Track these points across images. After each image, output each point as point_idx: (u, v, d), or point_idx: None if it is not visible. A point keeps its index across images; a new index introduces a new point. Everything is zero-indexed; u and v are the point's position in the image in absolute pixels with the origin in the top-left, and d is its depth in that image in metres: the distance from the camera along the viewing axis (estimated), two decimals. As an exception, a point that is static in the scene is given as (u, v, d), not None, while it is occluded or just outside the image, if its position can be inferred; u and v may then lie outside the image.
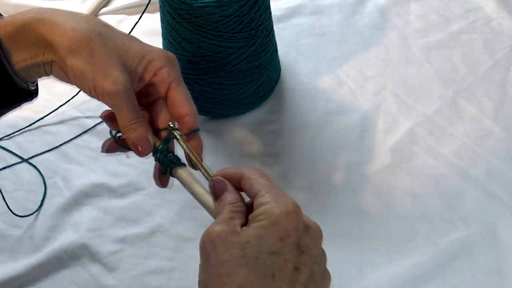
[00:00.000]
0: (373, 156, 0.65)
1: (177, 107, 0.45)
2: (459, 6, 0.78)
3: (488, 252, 0.57)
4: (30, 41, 0.42)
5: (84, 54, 0.41)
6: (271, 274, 0.34)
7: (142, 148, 0.43)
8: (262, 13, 0.62)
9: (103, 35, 0.42)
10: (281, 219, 0.35)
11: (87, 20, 0.43)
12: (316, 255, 0.36)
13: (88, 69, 0.41)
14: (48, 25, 0.42)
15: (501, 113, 0.67)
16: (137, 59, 0.43)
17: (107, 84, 0.41)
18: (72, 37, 0.41)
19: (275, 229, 0.34)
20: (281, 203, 0.35)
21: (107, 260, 0.61)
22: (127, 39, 0.44)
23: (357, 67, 0.74)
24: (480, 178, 0.62)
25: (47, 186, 0.67)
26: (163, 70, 0.44)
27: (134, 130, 0.43)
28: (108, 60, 0.42)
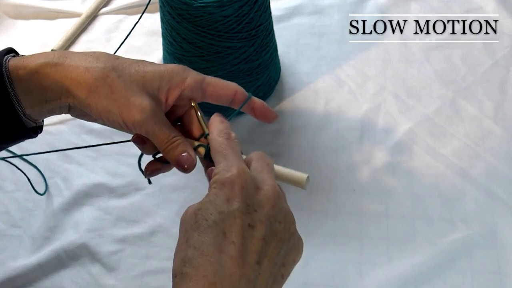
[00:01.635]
0: (373, 156, 0.65)
1: (223, 95, 0.46)
2: (459, 6, 0.78)
3: (488, 252, 0.57)
4: (44, 86, 0.42)
5: (105, 93, 0.42)
6: (222, 232, 0.35)
7: (186, 165, 0.44)
8: (262, 13, 0.62)
9: (117, 69, 0.43)
10: (226, 183, 0.37)
11: (97, 58, 0.43)
12: (273, 214, 0.37)
13: (113, 106, 0.42)
14: (61, 71, 0.42)
15: (501, 113, 0.68)
16: (156, 82, 0.43)
17: (134, 115, 0.42)
18: (88, 79, 0.42)
19: (222, 192, 0.37)
20: (228, 169, 0.38)
21: (107, 260, 0.61)
22: (139, 65, 0.44)
23: (357, 67, 0.74)
24: (480, 178, 0.62)
25: (48, 185, 0.67)
26: (188, 81, 0.44)
27: (173, 149, 0.43)
28: (129, 91, 0.42)
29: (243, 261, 0.35)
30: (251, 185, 0.38)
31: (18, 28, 0.84)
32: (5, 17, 0.85)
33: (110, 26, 0.83)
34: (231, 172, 0.38)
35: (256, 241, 0.36)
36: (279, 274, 0.37)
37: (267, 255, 0.36)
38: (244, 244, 0.35)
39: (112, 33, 0.82)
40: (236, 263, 0.35)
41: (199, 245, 0.35)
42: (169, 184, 0.66)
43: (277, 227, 0.37)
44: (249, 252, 0.35)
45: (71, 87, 0.42)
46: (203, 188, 0.65)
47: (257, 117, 0.47)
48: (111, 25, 0.83)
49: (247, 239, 0.36)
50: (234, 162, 0.39)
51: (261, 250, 0.36)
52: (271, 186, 0.38)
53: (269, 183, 0.39)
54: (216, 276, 0.34)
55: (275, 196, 0.38)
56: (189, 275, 0.34)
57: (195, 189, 0.65)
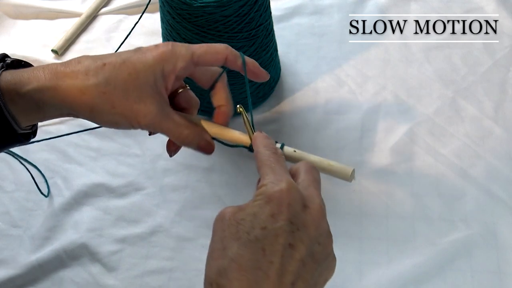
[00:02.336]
0: (373, 156, 0.65)
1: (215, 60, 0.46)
2: (459, 6, 0.78)
3: (488, 252, 0.57)
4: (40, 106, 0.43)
5: (106, 109, 0.42)
6: (262, 248, 0.34)
7: (206, 151, 0.45)
8: (262, 13, 0.62)
9: (109, 81, 0.42)
10: (273, 197, 0.36)
11: (86, 72, 0.42)
12: (315, 235, 0.36)
13: (119, 118, 0.43)
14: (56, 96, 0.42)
15: (501, 113, 0.67)
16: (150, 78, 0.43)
17: (141, 120, 0.43)
18: (86, 101, 0.42)
19: (267, 206, 0.36)
20: (277, 183, 0.37)
21: (107, 260, 0.61)
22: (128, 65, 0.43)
23: (357, 67, 0.74)
24: (480, 178, 0.62)
25: (49, 185, 0.67)
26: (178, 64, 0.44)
27: (190, 144, 0.45)
28: (129, 100, 0.42)
29: (279, 281, 0.34)
30: (298, 203, 0.37)
31: (18, 28, 0.84)
32: (5, 17, 0.85)
33: (110, 26, 0.83)
34: (280, 187, 0.37)
35: (295, 262, 0.35)
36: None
37: (301, 276, 0.35)
38: (282, 264, 0.34)
39: (112, 33, 0.82)
40: (272, 283, 0.34)
41: (238, 258, 0.34)
42: (169, 184, 0.66)
43: (316, 248, 0.36)
44: (286, 273, 0.34)
45: (71, 109, 0.43)
46: (203, 188, 0.65)
47: (249, 76, 0.47)
48: (111, 25, 0.83)
49: (286, 259, 0.35)
50: (283, 177, 0.38)
51: (297, 271, 0.35)
52: (318, 205, 0.37)
53: (316, 201, 0.38)
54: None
55: (320, 216, 0.37)
56: (223, 287, 0.34)
57: (195, 189, 0.65)
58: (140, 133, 0.70)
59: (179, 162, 0.67)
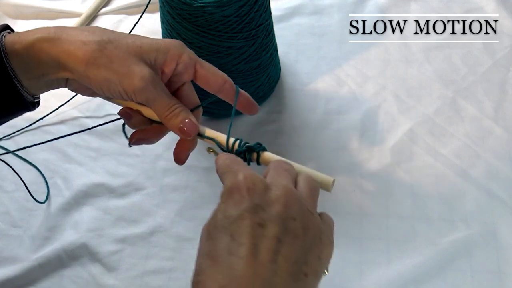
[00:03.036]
0: (373, 156, 0.65)
1: (212, 81, 0.46)
2: (459, 6, 0.78)
3: (488, 252, 0.57)
4: (40, 60, 0.43)
5: (103, 63, 0.42)
6: (230, 235, 0.35)
7: (189, 130, 0.44)
8: (262, 13, 0.62)
9: (113, 41, 0.43)
10: (233, 189, 0.37)
11: (92, 32, 0.44)
12: (286, 211, 0.36)
13: (112, 75, 0.42)
14: (58, 45, 0.42)
15: (501, 113, 0.67)
16: (152, 53, 0.44)
17: (135, 82, 0.42)
18: (85, 52, 0.42)
19: (230, 199, 0.36)
20: (233, 177, 0.37)
21: (107, 260, 0.61)
22: (135, 37, 0.45)
23: (357, 67, 0.74)
24: (480, 178, 0.62)
25: (49, 185, 0.67)
26: (184, 56, 0.45)
27: (176, 116, 0.44)
28: (127, 61, 0.43)
29: (255, 260, 0.34)
30: (259, 186, 0.37)
31: (18, 28, 0.83)
32: (5, 17, 0.85)
33: (110, 26, 0.83)
34: (236, 178, 0.37)
35: (268, 239, 0.34)
36: (301, 273, 0.35)
37: (282, 254, 0.34)
38: (254, 244, 0.34)
39: (112, 33, 0.82)
40: (247, 263, 0.33)
41: (209, 253, 0.35)
42: (169, 184, 0.66)
43: (292, 224, 0.36)
44: (261, 251, 0.34)
45: (68, 61, 0.42)
46: (203, 188, 0.65)
47: (240, 109, 0.48)
48: (111, 25, 0.83)
49: (258, 239, 0.34)
50: (239, 170, 0.38)
51: (275, 248, 0.34)
52: (283, 185, 0.37)
53: (281, 183, 0.38)
54: (226, 279, 0.33)
55: (287, 194, 0.37)
56: (201, 283, 0.34)
57: (195, 189, 0.65)
58: (140, 133, 0.70)
59: (179, 162, 0.67)
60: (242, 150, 0.44)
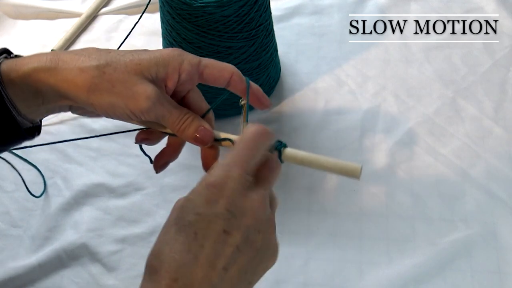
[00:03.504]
0: (373, 156, 0.65)
1: (220, 77, 0.45)
2: (459, 6, 0.78)
3: (488, 252, 0.57)
4: (39, 90, 0.42)
5: (105, 88, 0.41)
6: (194, 232, 0.35)
7: (205, 138, 0.44)
8: (262, 13, 0.62)
9: (111, 63, 0.42)
10: (211, 184, 0.36)
11: (88, 56, 0.43)
12: (254, 223, 0.36)
13: (117, 99, 0.42)
14: (55, 75, 0.42)
15: (501, 113, 0.67)
16: (153, 68, 0.43)
17: (141, 103, 0.42)
18: (85, 80, 0.41)
19: (204, 192, 0.36)
20: (220, 170, 0.37)
21: (107, 260, 0.61)
22: (133, 54, 0.44)
23: (357, 67, 0.74)
24: (480, 178, 0.62)
25: (47, 186, 0.67)
26: (184, 65, 0.44)
27: (188, 126, 0.43)
28: (129, 82, 0.42)
29: (209, 265, 0.34)
30: (238, 192, 0.36)
31: (18, 28, 0.84)
32: (5, 17, 0.85)
33: (110, 26, 0.83)
34: (219, 173, 0.37)
35: (228, 247, 0.35)
36: (247, 282, 0.37)
37: (237, 262, 0.35)
38: (214, 248, 0.35)
39: (112, 33, 0.82)
40: (202, 265, 0.34)
41: (171, 242, 0.35)
42: (169, 184, 0.66)
43: (255, 237, 0.36)
44: (217, 257, 0.35)
45: (68, 90, 0.42)
46: (203, 188, 0.65)
47: (251, 102, 0.47)
48: (111, 25, 0.83)
49: (218, 244, 0.35)
50: (231, 163, 0.37)
51: (231, 257, 0.35)
52: (260, 195, 0.37)
53: (260, 192, 0.38)
54: (178, 273, 0.34)
55: (260, 205, 0.37)
56: (155, 269, 0.35)
57: (195, 189, 0.65)
58: (140, 133, 0.70)
59: (179, 162, 0.67)
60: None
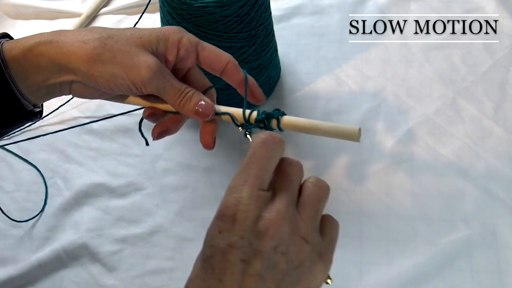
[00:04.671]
0: (373, 156, 0.65)
1: (216, 62, 0.45)
2: (459, 6, 0.78)
3: (488, 252, 0.57)
4: (40, 64, 0.42)
5: (107, 58, 0.42)
6: (211, 267, 0.33)
7: (205, 112, 0.43)
8: (262, 13, 0.62)
9: (113, 36, 0.43)
10: (222, 212, 0.34)
11: (90, 31, 0.43)
12: (274, 245, 0.33)
13: (118, 69, 0.42)
14: (57, 47, 0.42)
15: (501, 113, 0.67)
16: (153, 42, 0.43)
17: (142, 72, 0.42)
18: (87, 50, 0.42)
19: (216, 223, 0.34)
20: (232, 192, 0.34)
21: (107, 260, 0.61)
22: (133, 30, 0.44)
23: (357, 67, 0.74)
24: (480, 178, 0.62)
25: (47, 186, 0.67)
26: (183, 41, 0.44)
27: (189, 100, 0.43)
28: (130, 52, 0.42)
29: None
30: (250, 215, 0.33)
31: (18, 28, 0.84)
32: (5, 17, 0.85)
33: (110, 26, 0.81)
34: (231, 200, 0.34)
35: (249, 277, 0.32)
36: None
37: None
38: (233, 281, 0.32)
39: (112, 33, 0.82)
40: None
41: (194, 278, 0.35)
42: (169, 184, 0.66)
43: (277, 259, 0.33)
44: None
45: (70, 62, 0.42)
46: (203, 188, 0.65)
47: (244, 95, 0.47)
48: (111, 25, 0.83)
49: (238, 276, 0.32)
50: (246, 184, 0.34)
51: (255, 287, 0.32)
52: (275, 212, 0.34)
53: (275, 207, 0.34)
54: None
55: (277, 225, 0.33)
56: None
57: (195, 189, 0.65)
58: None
59: (179, 162, 0.67)
60: (261, 118, 0.44)
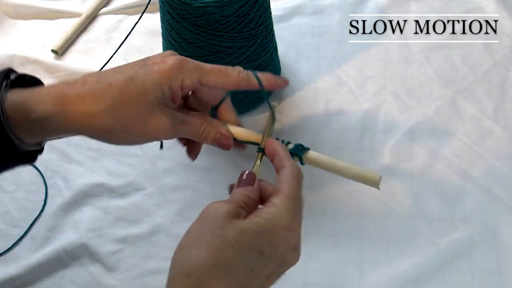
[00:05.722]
0: (373, 156, 0.65)
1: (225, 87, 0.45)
2: (459, 6, 0.78)
3: (488, 252, 0.57)
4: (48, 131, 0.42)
5: (120, 131, 0.42)
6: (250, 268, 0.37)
7: (224, 145, 0.45)
8: (262, 13, 0.62)
9: (118, 103, 0.41)
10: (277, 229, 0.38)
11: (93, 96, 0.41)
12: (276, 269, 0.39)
13: (133, 138, 0.43)
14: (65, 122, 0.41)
15: (501, 113, 0.67)
16: (158, 92, 0.42)
17: (158, 136, 0.43)
18: (97, 127, 0.41)
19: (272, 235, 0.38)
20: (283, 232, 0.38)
21: (107, 260, 0.61)
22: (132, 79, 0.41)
23: (357, 67, 0.74)
24: (480, 178, 0.62)
25: (47, 186, 0.67)
26: (185, 83, 0.43)
27: (206, 138, 0.45)
28: (141, 119, 0.41)
29: None
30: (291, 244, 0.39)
31: (18, 28, 0.84)
32: (5, 17, 0.85)
33: (110, 26, 0.83)
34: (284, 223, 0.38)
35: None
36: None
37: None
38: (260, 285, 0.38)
39: (112, 33, 0.82)
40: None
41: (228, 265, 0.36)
42: (169, 184, 0.66)
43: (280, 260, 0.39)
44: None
45: (83, 132, 0.42)
46: (203, 188, 0.65)
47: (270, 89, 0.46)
48: (111, 25, 0.83)
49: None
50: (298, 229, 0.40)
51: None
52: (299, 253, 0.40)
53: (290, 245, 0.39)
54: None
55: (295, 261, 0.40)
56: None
57: (195, 189, 0.65)
58: (140, 133, 0.70)
59: (179, 162, 0.67)
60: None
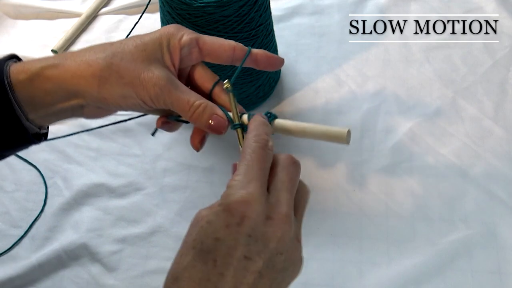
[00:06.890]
0: (373, 156, 0.65)
1: (222, 52, 0.45)
2: (459, 6, 0.78)
3: (488, 252, 0.57)
4: (47, 90, 0.42)
5: (115, 80, 0.41)
6: (213, 259, 0.33)
7: (218, 127, 0.43)
8: (262, 13, 0.62)
9: (116, 53, 0.42)
10: (232, 207, 0.34)
11: (94, 50, 0.43)
12: (277, 246, 0.34)
13: (127, 90, 0.42)
14: (63, 71, 0.42)
15: (501, 113, 0.67)
16: (157, 51, 0.43)
17: (150, 90, 0.41)
18: (94, 73, 0.41)
19: (223, 215, 0.34)
20: (241, 189, 0.35)
21: (107, 260, 0.61)
22: (136, 40, 0.44)
23: (357, 67, 0.74)
24: (480, 178, 0.62)
25: (47, 186, 0.67)
26: (183, 39, 0.44)
27: (201, 115, 0.43)
28: (137, 70, 0.42)
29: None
30: (259, 215, 0.35)
31: (18, 28, 0.84)
32: (5, 17, 0.85)
33: (110, 26, 0.83)
34: (241, 195, 0.35)
35: (250, 274, 0.33)
36: None
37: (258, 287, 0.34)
38: (234, 276, 0.33)
39: (112, 33, 0.82)
40: None
41: (189, 268, 0.34)
42: (169, 184, 0.66)
43: (278, 259, 0.35)
44: (239, 285, 0.33)
45: (78, 86, 0.42)
46: (203, 188, 0.65)
47: (262, 68, 0.46)
48: (111, 25, 0.83)
49: (240, 271, 0.33)
50: (251, 182, 0.35)
51: (253, 283, 0.33)
52: (283, 214, 0.35)
53: (282, 210, 0.35)
54: None
55: (283, 228, 0.35)
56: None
57: (195, 189, 0.65)
58: (140, 133, 0.70)
59: (179, 162, 0.67)
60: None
